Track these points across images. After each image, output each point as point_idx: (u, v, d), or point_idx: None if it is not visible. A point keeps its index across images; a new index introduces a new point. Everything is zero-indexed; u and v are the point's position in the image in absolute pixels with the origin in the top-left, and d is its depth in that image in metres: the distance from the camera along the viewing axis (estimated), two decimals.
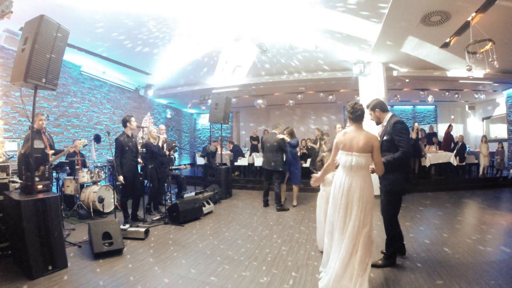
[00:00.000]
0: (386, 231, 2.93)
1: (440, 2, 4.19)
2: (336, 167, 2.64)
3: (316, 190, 3.25)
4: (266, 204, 5.87)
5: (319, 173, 2.93)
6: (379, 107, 2.94)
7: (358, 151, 2.41)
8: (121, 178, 4.39)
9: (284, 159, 5.72)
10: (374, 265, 2.79)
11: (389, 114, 2.92)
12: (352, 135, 2.49)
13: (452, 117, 11.27)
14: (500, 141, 9.01)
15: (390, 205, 2.86)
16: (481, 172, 8.39)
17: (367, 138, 2.43)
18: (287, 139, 5.63)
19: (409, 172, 2.85)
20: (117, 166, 4.40)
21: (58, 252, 2.85)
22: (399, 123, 2.77)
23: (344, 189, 2.42)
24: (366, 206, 2.39)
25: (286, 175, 5.88)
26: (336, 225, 2.45)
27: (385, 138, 2.84)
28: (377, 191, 2.76)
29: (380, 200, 2.97)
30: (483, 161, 8.43)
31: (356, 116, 2.52)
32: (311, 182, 2.93)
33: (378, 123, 3.01)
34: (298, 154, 8.65)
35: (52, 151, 4.32)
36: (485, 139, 8.54)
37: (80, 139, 5.76)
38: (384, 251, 3.02)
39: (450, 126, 9.74)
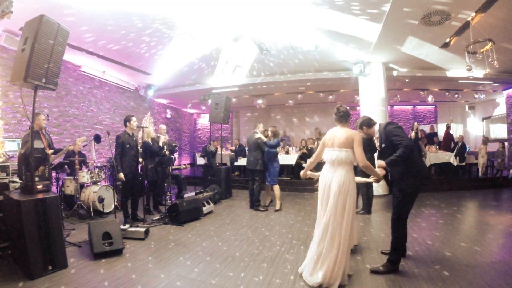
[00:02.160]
0: (391, 232, 2.83)
1: (440, 2, 4.19)
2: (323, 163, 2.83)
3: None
4: (252, 205, 5.72)
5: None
6: (365, 124, 3.06)
7: (340, 146, 2.62)
8: (121, 175, 4.39)
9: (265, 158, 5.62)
10: (374, 271, 2.72)
11: (377, 125, 3.02)
12: (335, 132, 2.75)
13: (451, 117, 11.31)
14: (501, 141, 9.00)
15: (399, 205, 2.77)
16: (480, 172, 8.29)
17: (347, 134, 2.64)
18: (264, 138, 5.59)
19: (418, 171, 2.78)
20: (117, 163, 4.40)
21: (58, 252, 2.84)
22: (389, 124, 2.88)
23: (326, 182, 2.64)
24: (346, 198, 2.54)
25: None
26: (319, 218, 2.67)
27: (383, 145, 2.90)
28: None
29: (393, 202, 2.88)
30: (481, 161, 8.33)
31: (339, 116, 2.76)
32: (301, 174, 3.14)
33: (370, 138, 3.13)
34: (299, 154, 8.70)
35: (52, 150, 4.32)
36: (486, 139, 8.45)
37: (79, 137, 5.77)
38: (385, 251, 3.01)
39: (448, 127, 9.75)
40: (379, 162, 2.83)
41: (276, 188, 5.63)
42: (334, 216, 2.52)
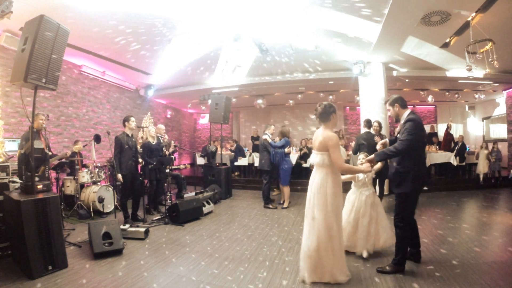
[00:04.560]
0: (395, 233, 2.76)
1: (440, 2, 4.19)
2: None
3: None
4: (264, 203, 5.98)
5: None
6: (399, 102, 2.78)
7: (317, 149, 2.61)
8: (119, 176, 4.39)
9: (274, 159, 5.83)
10: (380, 271, 2.71)
11: (407, 111, 2.75)
12: (316, 134, 2.69)
13: (450, 119, 11.35)
14: (495, 141, 8.95)
15: (400, 206, 2.71)
16: (481, 179, 7.54)
17: (323, 137, 2.56)
18: (269, 139, 5.76)
19: (419, 174, 2.66)
20: (116, 164, 4.40)
21: (58, 252, 2.85)
22: (410, 120, 2.62)
23: (310, 183, 2.68)
24: (322, 201, 2.53)
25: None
26: (305, 218, 2.70)
27: (398, 135, 2.75)
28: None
29: (396, 204, 2.81)
30: (482, 168, 7.58)
31: (317, 116, 2.68)
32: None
33: (397, 120, 2.85)
34: (299, 154, 8.69)
35: (50, 153, 4.32)
36: (486, 144, 8.05)
37: (79, 141, 5.80)
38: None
39: (448, 127, 9.75)
40: (369, 156, 2.75)
41: (285, 188, 5.81)
42: (317, 219, 2.53)
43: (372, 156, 2.68)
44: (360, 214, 3.19)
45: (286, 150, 5.68)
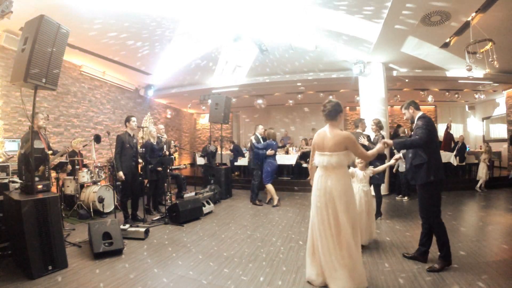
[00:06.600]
0: (433, 231, 2.84)
1: (440, 2, 4.19)
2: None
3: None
4: (251, 199, 6.28)
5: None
6: (413, 104, 3.05)
7: (331, 150, 2.44)
8: (120, 174, 4.40)
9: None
10: (431, 270, 2.68)
11: (420, 113, 3.01)
12: (323, 134, 2.55)
13: (450, 119, 11.36)
14: (489, 141, 8.89)
15: (429, 200, 2.79)
16: (478, 186, 7.13)
17: (337, 137, 2.45)
18: (253, 140, 6.08)
19: (435, 167, 2.77)
20: (117, 162, 4.41)
21: (58, 252, 2.85)
22: (421, 117, 2.91)
23: (321, 189, 2.47)
24: (345, 204, 2.40)
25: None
26: (321, 226, 2.45)
27: (412, 134, 2.99)
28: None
29: (418, 200, 2.93)
30: (483, 173, 7.11)
31: (326, 114, 2.55)
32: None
33: (412, 121, 3.10)
34: (299, 154, 8.70)
35: (51, 151, 4.32)
36: (489, 149, 7.41)
37: (75, 138, 5.81)
38: (407, 254, 3.08)
39: (448, 127, 9.76)
40: (388, 140, 2.90)
41: (268, 186, 5.99)
42: (344, 223, 2.37)
43: (391, 141, 2.86)
44: (363, 207, 3.46)
45: (268, 152, 5.88)
